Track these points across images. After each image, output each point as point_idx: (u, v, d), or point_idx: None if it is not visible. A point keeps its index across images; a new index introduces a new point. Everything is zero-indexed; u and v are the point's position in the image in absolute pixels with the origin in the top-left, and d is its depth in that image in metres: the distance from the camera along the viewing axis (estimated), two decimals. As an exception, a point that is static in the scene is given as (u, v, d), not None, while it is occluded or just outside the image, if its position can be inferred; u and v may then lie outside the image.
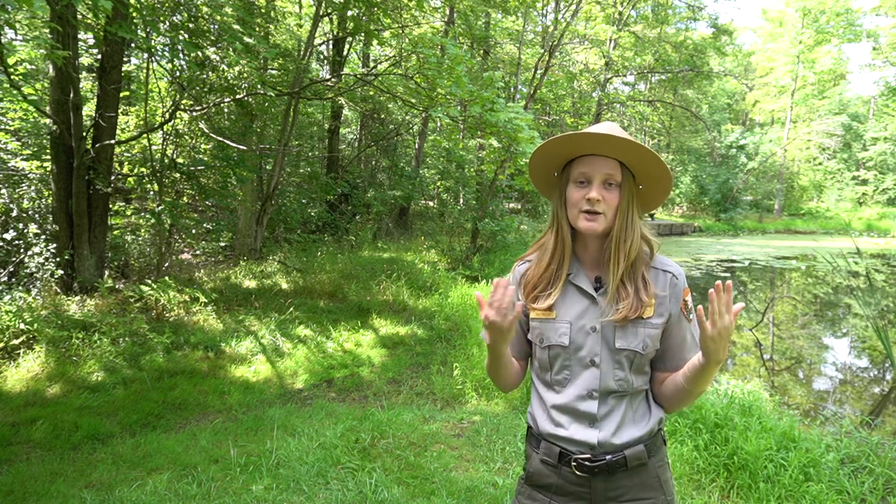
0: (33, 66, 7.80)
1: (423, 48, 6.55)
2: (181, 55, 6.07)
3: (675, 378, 1.31)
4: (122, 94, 6.77)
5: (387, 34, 10.23)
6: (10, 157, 6.96)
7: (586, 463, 1.26)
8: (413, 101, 8.03)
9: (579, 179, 1.28)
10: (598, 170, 1.26)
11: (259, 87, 7.00)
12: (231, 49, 6.45)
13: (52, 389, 4.39)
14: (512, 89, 17.21)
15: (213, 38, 6.92)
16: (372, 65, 13.57)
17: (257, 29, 8.14)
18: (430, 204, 16.08)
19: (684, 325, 1.31)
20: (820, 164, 36.39)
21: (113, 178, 6.63)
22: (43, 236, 6.19)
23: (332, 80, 8.94)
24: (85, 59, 7.66)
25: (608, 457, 1.26)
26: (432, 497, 2.89)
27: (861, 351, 7.21)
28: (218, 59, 6.78)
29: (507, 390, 1.45)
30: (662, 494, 1.31)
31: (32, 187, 6.90)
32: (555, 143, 1.28)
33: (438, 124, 15.76)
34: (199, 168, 7.90)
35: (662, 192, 1.34)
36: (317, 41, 11.79)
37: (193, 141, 8.13)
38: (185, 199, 8.97)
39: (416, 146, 14.93)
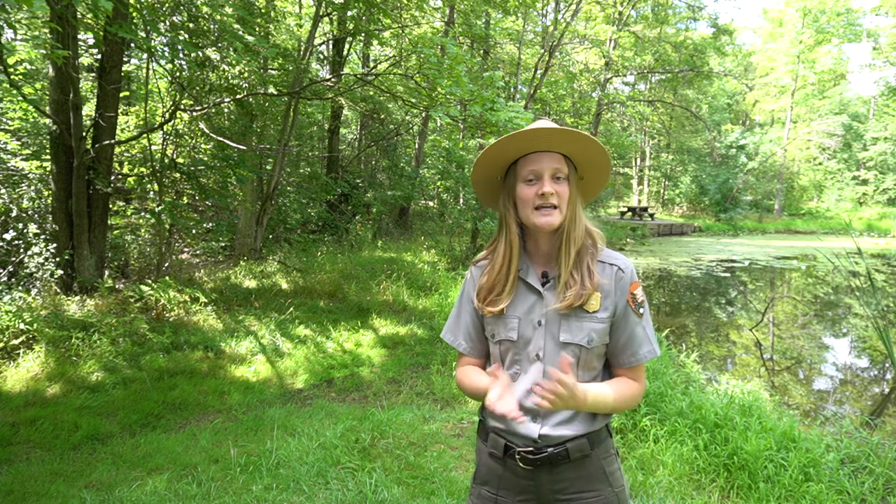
0: (33, 67, 7.80)
1: (423, 48, 6.54)
2: (181, 55, 6.07)
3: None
4: (122, 94, 6.77)
5: (387, 34, 10.23)
6: (10, 157, 6.96)
7: (529, 456, 1.28)
8: (413, 101, 8.02)
9: (528, 178, 1.29)
10: (545, 165, 1.27)
11: (260, 86, 7.00)
12: (231, 49, 6.45)
13: (52, 389, 4.39)
14: (512, 89, 17.21)
15: (213, 38, 6.92)
16: (372, 65, 13.57)
17: (257, 29, 8.14)
18: (430, 204, 16.09)
19: (633, 320, 1.31)
20: (820, 164, 36.41)
21: (113, 178, 6.63)
22: (43, 236, 6.19)
23: (332, 80, 8.93)
24: (85, 59, 7.66)
25: (549, 449, 1.27)
26: (432, 497, 2.89)
27: (861, 351, 7.21)
28: (218, 59, 6.77)
29: None
30: (609, 486, 1.32)
31: (32, 187, 6.90)
32: (501, 144, 1.29)
33: (438, 124, 15.77)
34: (199, 168, 7.90)
35: (601, 181, 1.38)
36: (317, 41, 11.79)
37: (193, 141, 8.13)
38: (185, 199, 8.96)
39: (416, 146, 14.92)
